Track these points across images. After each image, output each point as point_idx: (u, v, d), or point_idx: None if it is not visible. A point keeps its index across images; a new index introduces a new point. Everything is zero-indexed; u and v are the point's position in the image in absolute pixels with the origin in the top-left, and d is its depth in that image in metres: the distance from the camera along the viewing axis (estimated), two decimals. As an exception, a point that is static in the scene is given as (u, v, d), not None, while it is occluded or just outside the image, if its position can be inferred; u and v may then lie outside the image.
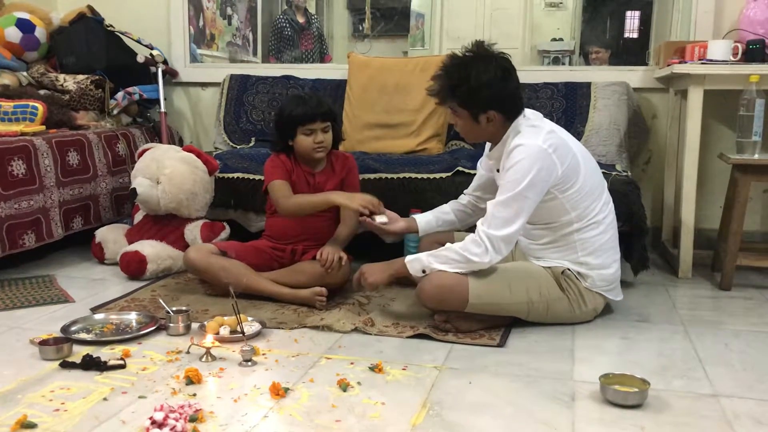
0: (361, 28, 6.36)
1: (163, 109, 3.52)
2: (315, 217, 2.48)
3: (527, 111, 2.12)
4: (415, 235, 2.59)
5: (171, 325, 2.08)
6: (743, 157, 2.63)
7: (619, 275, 2.23)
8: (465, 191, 2.43)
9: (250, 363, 1.84)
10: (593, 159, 2.19)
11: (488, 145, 2.25)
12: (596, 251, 2.12)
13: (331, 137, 2.46)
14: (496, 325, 2.12)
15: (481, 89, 2.01)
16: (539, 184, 1.99)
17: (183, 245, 2.80)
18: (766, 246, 3.06)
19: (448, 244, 2.10)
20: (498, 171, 2.14)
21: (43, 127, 3.00)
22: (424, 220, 2.38)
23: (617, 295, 2.24)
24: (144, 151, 2.94)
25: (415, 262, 2.10)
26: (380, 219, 2.29)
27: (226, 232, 2.84)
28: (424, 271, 2.08)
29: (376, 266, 2.20)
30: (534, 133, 2.02)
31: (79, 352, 1.88)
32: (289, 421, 1.52)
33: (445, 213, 2.40)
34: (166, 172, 2.78)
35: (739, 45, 2.73)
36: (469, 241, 2.04)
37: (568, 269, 2.13)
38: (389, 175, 2.74)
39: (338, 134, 2.53)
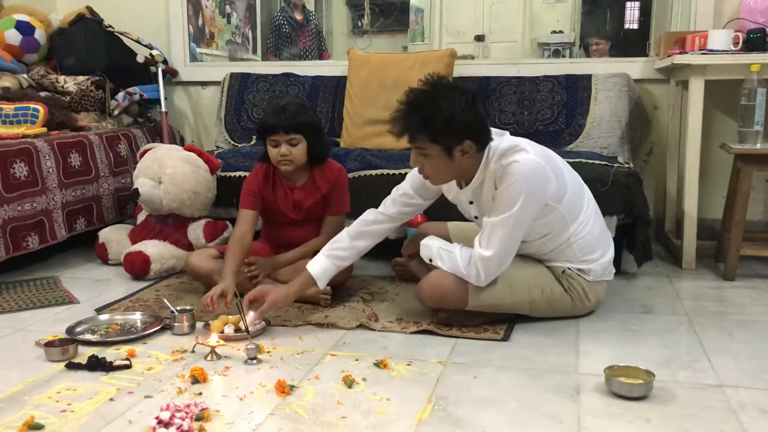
0: (360, 23, 6.35)
1: (163, 109, 3.52)
2: (297, 227, 2.48)
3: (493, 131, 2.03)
4: (416, 229, 2.60)
5: (176, 324, 2.09)
6: (745, 146, 2.63)
7: (614, 254, 2.21)
8: (385, 210, 2.22)
9: (255, 361, 1.84)
10: (561, 158, 2.12)
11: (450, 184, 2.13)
12: (593, 246, 2.11)
13: (302, 152, 2.35)
14: (500, 320, 2.12)
15: (455, 118, 1.88)
16: (537, 199, 1.94)
17: (186, 244, 2.81)
18: (770, 235, 3.05)
19: (457, 248, 2.05)
20: (471, 203, 2.10)
21: (45, 129, 3.00)
22: (319, 269, 2.16)
23: (612, 275, 2.22)
24: (145, 151, 2.94)
25: (426, 249, 2.10)
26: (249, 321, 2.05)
27: (229, 230, 2.84)
28: (430, 260, 2.08)
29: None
30: (523, 147, 1.94)
31: (84, 353, 1.89)
32: (295, 418, 1.53)
33: (342, 257, 2.19)
34: (167, 172, 2.78)
35: (739, 34, 2.72)
36: (468, 258, 2.00)
37: (568, 268, 2.12)
38: (390, 171, 2.74)
39: (319, 150, 2.40)
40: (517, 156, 1.93)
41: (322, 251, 2.21)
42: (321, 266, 2.16)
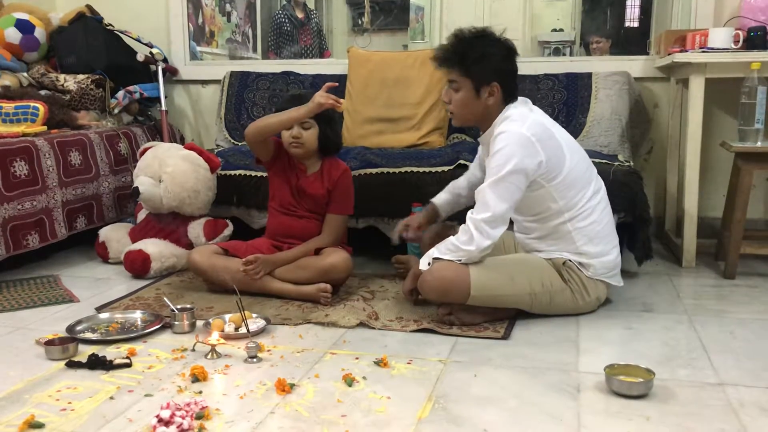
0: (360, 22, 6.34)
1: (163, 108, 3.52)
2: (301, 219, 2.49)
3: (519, 99, 2.15)
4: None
5: (176, 323, 2.09)
6: (745, 145, 2.63)
7: (620, 261, 2.23)
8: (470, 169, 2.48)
9: (255, 359, 1.84)
10: (581, 149, 2.18)
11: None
12: (594, 239, 2.12)
13: (314, 137, 2.41)
14: (500, 318, 2.12)
15: (490, 58, 2.06)
16: (522, 169, 1.99)
17: (186, 243, 2.81)
18: (770, 234, 3.05)
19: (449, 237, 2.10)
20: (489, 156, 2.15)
21: (45, 128, 3.00)
22: (442, 200, 2.43)
23: (619, 281, 2.24)
24: (145, 149, 2.94)
25: (423, 258, 2.12)
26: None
27: (229, 229, 2.85)
28: (429, 264, 2.08)
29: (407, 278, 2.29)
30: (519, 121, 2.04)
31: (84, 352, 1.89)
32: (295, 416, 1.53)
33: (459, 187, 2.45)
34: (168, 171, 2.78)
35: (740, 32, 2.72)
36: (460, 230, 2.06)
37: (569, 260, 2.13)
38: (390, 170, 2.73)
39: (331, 140, 2.47)
40: (508, 126, 2.04)
41: (445, 189, 2.44)
42: (444, 198, 2.42)
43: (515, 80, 2.13)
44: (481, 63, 2.05)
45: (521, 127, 2.02)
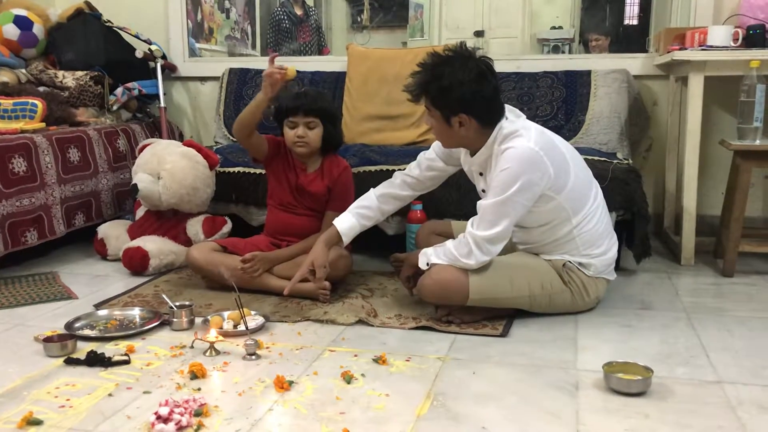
0: (359, 19, 6.34)
1: (162, 104, 3.52)
2: (300, 216, 2.50)
3: (507, 109, 2.05)
4: (417, 225, 2.60)
5: (174, 320, 2.09)
6: (744, 143, 2.63)
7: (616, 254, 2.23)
8: (409, 172, 2.30)
9: (254, 357, 1.85)
10: (578, 153, 2.14)
11: (464, 150, 2.17)
12: (597, 241, 2.12)
13: (318, 136, 2.42)
14: (499, 315, 2.12)
15: (453, 89, 1.94)
16: (531, 187, 1.95)
17: (185, 240, 2.81)
18: (769, 232, 3.05)
19: (448, 241, 2.08)
20: (481, 174, 2.12)
21: (43, 124, 2.99)
22: (346, 225, 2.23)
23: (613, 275, 2.23)
24: (144, 146, 2.94)
25: (421, 256, 2.11)
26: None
27: (228, 226, 2.85)
28: (428, 264, 2.08)
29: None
30: (524, 136, 1.97)
31: (83, 349, 1.89)
32: (294, 413, 1.53)
33: (367, 216, 2.26)
34: (166, 168, 2.78)
35: (739, 30, 2.72)
36: (458, 240, 2.04)
37: (569, 261, 2.12)
38: (390, 167, 2.73)
39: (334, 138, 2.49)
40: (515, 142, 1.96)
41: (349, 209, 2.27)
42: (348, 223, 2.23)
43: (492, 104, 1.99)
44: (445, 95, 1.96)
45: (528, 142, 1.95)
